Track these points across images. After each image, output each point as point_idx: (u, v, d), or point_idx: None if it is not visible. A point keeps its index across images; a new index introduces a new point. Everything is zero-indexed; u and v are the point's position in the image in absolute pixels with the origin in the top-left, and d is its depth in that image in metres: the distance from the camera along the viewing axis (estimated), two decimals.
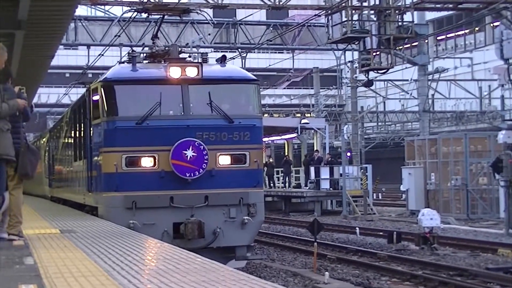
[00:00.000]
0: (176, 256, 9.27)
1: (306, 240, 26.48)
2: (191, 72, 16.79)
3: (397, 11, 34.32)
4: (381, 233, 28.53)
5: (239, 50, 45.33)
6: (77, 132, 21.25)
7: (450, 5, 35.90)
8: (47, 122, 68.42)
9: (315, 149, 47.72)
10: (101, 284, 7.09)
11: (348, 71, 55.70)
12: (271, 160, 49.33)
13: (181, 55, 18.67)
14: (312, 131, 50.63)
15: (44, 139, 35.31)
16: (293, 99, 74.61)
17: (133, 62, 17.54)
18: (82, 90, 20.95)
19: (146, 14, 20.88)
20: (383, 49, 34.57)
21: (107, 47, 35.20)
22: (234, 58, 40.59)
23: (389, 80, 50.72)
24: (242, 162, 16.98)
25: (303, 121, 47.35)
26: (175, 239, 16.01)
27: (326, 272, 18.37)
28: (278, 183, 50.16)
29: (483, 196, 34.51)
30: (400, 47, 38.02)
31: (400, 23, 35.18)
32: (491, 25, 54.03)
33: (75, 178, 21.33)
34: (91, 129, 17.92)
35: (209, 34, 45.16)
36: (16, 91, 11.12)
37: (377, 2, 35.19)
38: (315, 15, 36.13)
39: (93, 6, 42.52)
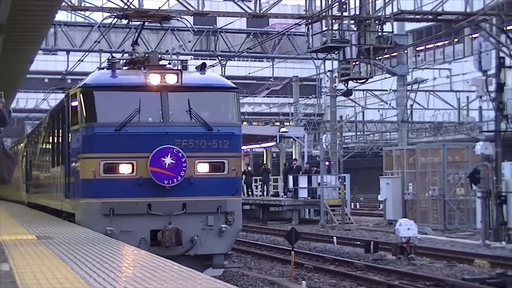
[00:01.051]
0: (153, 264, 9.24)
1: (283, 249, 26.49)
2: (171, 79, 16.78)
3: (377, 21, 34.40)
4: (358, 242, 28.58)
5: (219, 57, 45.34)
6: (55, 138, 21.15)
7: (430, 16, 36.01)
8: (25, 127, 68.06)
9: (293, 157, 47.77)
10: None
11: (327, 80, 55.84)
12: (249, 168, 49.36)
13: (161, 62, 18.66)
14: (291, 139, 50.68)
15: (22, 145, 35.13)
16: (272, 107, 74.70)
17: (113, 68, 17.51)
18: (61, 96, 20.87)
19: (127, 21, 20.84)
20: (363, 59, 34.59)
21: (87, 53, 35.09)
22: (214, 66, 40.60)
23: (368, 90, 50.84)
24: (221, 170, 16.98)
25: (282, 129, 47.41)
26: (153, 246, 15.99)
27: (303, 281, 18.39)
28: (257, 192, 50.16)
29: (460, 207, 34.66)
30: (380, 57, 38.13)
31: (380, 33, 35.27)
32: (470, 36, 54.32)
33: (53, 184, 21.23)
34: (70, 135, 17.85)
35: (189, 42, 45.14)
36: None
37: (357, 12, 35.30)
38: (295, 24, 36.17)
39: (73, 12, 42.33)
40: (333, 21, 34.58)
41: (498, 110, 29.42)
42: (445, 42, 65.00)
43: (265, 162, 51.72)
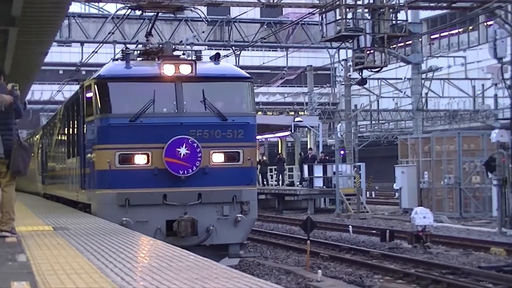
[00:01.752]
0: (169, 254, 9.26)
1: (299, 238, 26.49)
2: (185, 69, 16.78)
3: (391, 10, 34.36)
4: (374, 231, 28.55)
5: (233, 48, 45.33)
6: (71, 129, 21.21)
7: (444, 4, 35.93)
8: (40, 119, 68.30)
9: (308, 147, 47.76)
10: (94, 282, 7.09)
11: (342, 69, 55.70)
12: (264, 158, 49.37)
13: (175, 53, 18.65)
14: (306, 129, 50.63)
15: (37, 136, 35.26)
16: (286, 97, 74.62)
17: (127, 59, 17.51)
18: (76, 87, 20.91)
19: (140, 11, 20.83)
20: (377, 47, 34.60)
21: (101, 44, 35.17)
22: (228, 56, 40.59)
23: (383, 78, 50.71)
24: (236, 160, 16.98)
25: (296, 119, 47.35)
26: (168, 236, 16.02)
27: (319, 270, 18.39)
28: (272, 181, 50.17)
29: (476, 195, 34.56)
30: (394, 46, 38.05)
31: (394, 22, 35.21)
32: (485, 24, 54.10)
33: (68, 175, 21.30)
34: (85, 126, 17.89)
35: (203, 32, 45.12)
36: (9, 88, 11.10)
37: (371, 1, 35.23)
38: (309, 13, 36.14)
39: (87, 3, 42.38)
40: (347, 10, 34.57)
41: None
42: (460, 30, 64.71)
43: (280, 152, 51.71)
